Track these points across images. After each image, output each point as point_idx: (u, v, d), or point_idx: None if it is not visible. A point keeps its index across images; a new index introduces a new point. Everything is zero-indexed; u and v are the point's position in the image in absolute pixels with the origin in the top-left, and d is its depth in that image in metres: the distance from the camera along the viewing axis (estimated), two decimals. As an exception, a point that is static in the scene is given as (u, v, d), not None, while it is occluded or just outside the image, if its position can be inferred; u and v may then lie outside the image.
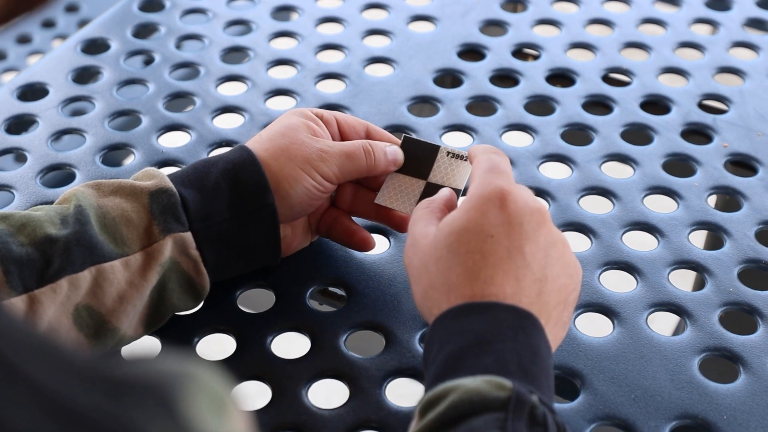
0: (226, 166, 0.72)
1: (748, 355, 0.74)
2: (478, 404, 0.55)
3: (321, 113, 0.77)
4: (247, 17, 1.14)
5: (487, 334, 0.59)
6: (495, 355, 0.58)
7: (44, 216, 0.66)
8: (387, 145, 0.76)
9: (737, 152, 0.94)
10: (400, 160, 0.77)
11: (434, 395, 0.57)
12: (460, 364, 0.58)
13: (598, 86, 1.03)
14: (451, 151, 0.77)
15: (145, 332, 0.71)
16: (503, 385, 0.56)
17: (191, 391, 0.34)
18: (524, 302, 0.61)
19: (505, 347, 0.59)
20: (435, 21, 1.13)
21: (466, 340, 0.59)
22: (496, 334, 0.59)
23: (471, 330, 0.59)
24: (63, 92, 1.02)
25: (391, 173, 0.77)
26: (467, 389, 0.56)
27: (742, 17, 1.16)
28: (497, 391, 0.56)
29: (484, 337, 0.59)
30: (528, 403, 0.56)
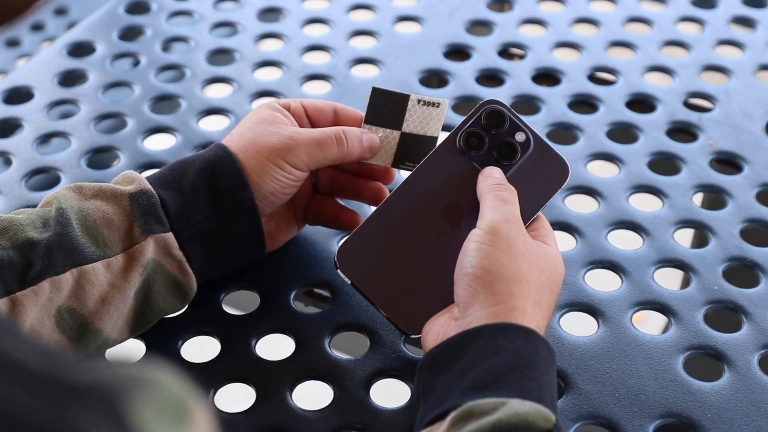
0: (203, 164, 0.72)
1: (732, 353, 0.74)
2: (523, 429, 0.55)
3: (287, 102, 0.77)
4: (233, 19, 1.14)
5: (529, 360, 0.60)
6: (536, 383, 0.59)
7: (26, 219, 0.66)
8: (361, 131, 0.76)
9: (723, 150, 0.95)
10: (376, 148, 0.76)
11: (477, 408, 0.57)
12: (504, 382, 0.59)
13: (584, 85, 1.03)
14: (422, 98, 0.77)
15: (130, 335, 0.71)
16: (549, 418, 0.57)
17: (145, 397, 0.33)
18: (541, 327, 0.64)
19: (545, 377, 0.60)
20: (421, 21, 1.13)
21: (508, 359, 0.60)
22: (536, 362, 0.61)
23: (513, 350, 0.60)
24: (49, 95, 1.01)
25: (366, 128, 0.77)
26: (516, 412, 0.56)
27: (728, 15, 1.16)
28: (543, 422, 0.56)
29: (527, 361, 0.60)
30: None
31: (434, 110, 0.76)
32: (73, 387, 0.32)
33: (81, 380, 0.33)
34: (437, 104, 0.76)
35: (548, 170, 0.71)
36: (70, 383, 0.32)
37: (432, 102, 0.77)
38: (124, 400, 0.32)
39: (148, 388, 0.33)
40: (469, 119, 0.72)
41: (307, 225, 0.81)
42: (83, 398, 0.32)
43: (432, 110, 0.76)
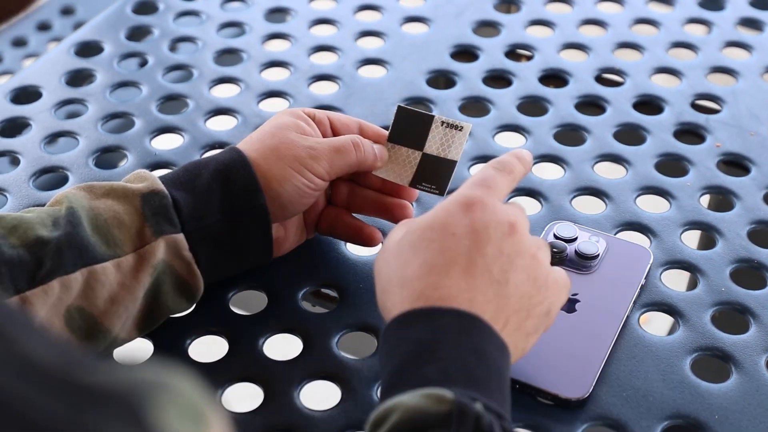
0: (217, 167, 0.72)
1: (740, 355, 0.74)
2: (420, 423, 0.54)
3: (313, 112, 0.77)
4: (240, 19, 1.14)
5: (429, 343, 0.58)
6: (437, 365, 0.57)
7: (36, 218, 0.66)
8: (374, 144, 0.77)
9: (730, 152, 0.95)
10: (385, 159, 0.77)
11: (379, 415, 0.56)
12: (403, 378, 0.57)
13: (591, 87, 1.03)
14: (446, 120, 0.77)
15: (138, 334, 0.71)
16: (444, 398, 0.54)
17: (163, 401, 0.33)
18: (479, 300, 0.60)
19: (449, 355, 0.58)
20: (428, 22, 1.13)
21: (407, 352, 0.58)
22: (438, 342, 0.58)
23: (413, 340, 0.59)
24: (56, 95, 1.02)
25: (389, 145, 0.78)
26: (407, 408, 0.54)
27: (736, 17, 1.16)
28: (438, 405, 0.54)
29: (426, 345, 0.58)
30: (472, 413, 0.54)
31: (457, 133, 0.77)
32: (94, 391, 0.32)
33: (101, 384, 0.33)
34: (460, 128, 0.77)
35: (629, 258, 0.80)
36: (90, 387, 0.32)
37: (455, 125, 0.77)
38: (144, 404, 0.32)
39: (166, 392, 0.33)
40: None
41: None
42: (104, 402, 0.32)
43: (455, 133, 0.77)
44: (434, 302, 0.60)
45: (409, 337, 0.59)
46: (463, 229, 0.62)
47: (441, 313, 0.59)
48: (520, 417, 0.69)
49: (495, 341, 0.60)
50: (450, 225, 0.62)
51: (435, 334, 0.58)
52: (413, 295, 0.60)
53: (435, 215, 0.63)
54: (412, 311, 0.60)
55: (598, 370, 0.71)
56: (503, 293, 0.61)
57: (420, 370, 0.57)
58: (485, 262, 0.61)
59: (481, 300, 0.60)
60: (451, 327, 0.59)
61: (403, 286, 0.61)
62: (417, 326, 0.59)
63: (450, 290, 0.60)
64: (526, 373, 0.70)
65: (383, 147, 0.77)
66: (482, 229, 0.62)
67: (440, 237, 0.62)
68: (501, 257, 0.62)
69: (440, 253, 0.61)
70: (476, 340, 0.59)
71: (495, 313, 0.61)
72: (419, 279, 0.61)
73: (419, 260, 0.61)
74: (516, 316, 0.62)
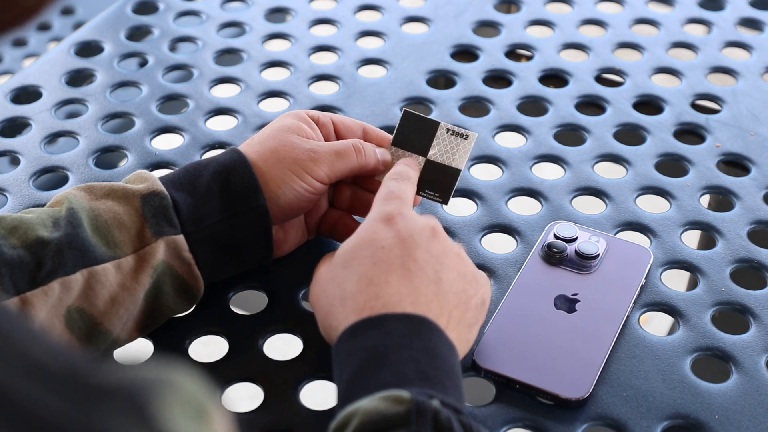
0: (217, 168, 0.72)
1: (740, 355, 0.74)
2: (380, 424, 0.55)
3: (317, 115, 0.77)
4: (240, 19, 1.14)
5: (380, 348, 0.60)
6: (391, 368, 0.59)
7: (36, 219, 0.66)
8: (376, 147, 0.77)
9: (730, 152, 0.95)
10: (388, 163, 0.77)
11: (338, 423, 0.57)
12: (359, 384, 0.59)
13: (591, 87, 1.03)
14: (451, 128, 0.77)
15: (139, 335, 0.72)
16: (401, 398, 0.56)
17: (168, 398, 0.33)
18: (421, 301, 0.62)
19: (401, 357, 0.59)
20: (428, 22, 1.13)
21: (361, 359, 0.60)
22: (390, 347, 0.60)
23: (364, 348, 0.60)
24: (56, 95, 1.02)
25: (393, 149, 0.78)
26: (366, 411, 0.56)
27: (735, 17, 1.16)
28: (396, 406, 0.56)
29: (379, 351, 0.60)
30: (430, 410, 0.55)
31: (462, 141, 0.77)
32: (98, 388, 0.33)
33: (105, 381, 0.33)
34: (466, 136, 0.77)
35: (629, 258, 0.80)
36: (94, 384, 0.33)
37: (461, 133, 0.77)
38: (148, 401, 0.33)
39: (169, 389, 0.34)
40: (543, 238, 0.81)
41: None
42: (109, 399, 0.32)
43: (460, 141, 0.77)
44: (379, 310, 0.62)
45: (361, 346, 0.60)
46: (391, 241, 0.65)
47: (389, 318, 0.61)
48: (520, 417, 0.69)
49: (443, 340, 0.62)
50: (377, 240, 0.65)
51: (385, 339, 0.60)
52: (357, 309, 0.62)
53: (359, 235, 0.66)
54: (360, 321, 0.61)
55: (599, 370, 0.71)
56: (441, 291, 0.64)
57: (375, 375, 0.59)
58: (418, 265, 0.64)
59: (423, 301, 0.63)
60: (401, 330, 0.61)
61: (344, 303, 0.63)
62: (367, 334, 0.61)
63: (391, 297, 0.62)
64: (526, 373, 0.70)
65: (386, 151, 0.77)
66: (408, 237, 0.65)
67: (370, 252, 0.64)
68: (431, 259, 0.65)
69: (374, 265, 0.64)
70: (426, 340, 0.61)
71: (438, 312, 0.63)
72: (360, 293, 0.63)
73: (355, 276, 0.64)
74: (456, 310, 0.65)
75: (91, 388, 0.32)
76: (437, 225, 0.68)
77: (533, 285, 0.77)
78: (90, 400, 0.32)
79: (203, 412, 0.35)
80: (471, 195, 0.88)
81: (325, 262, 0.69)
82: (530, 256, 0.80)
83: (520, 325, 0.74)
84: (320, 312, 0.67)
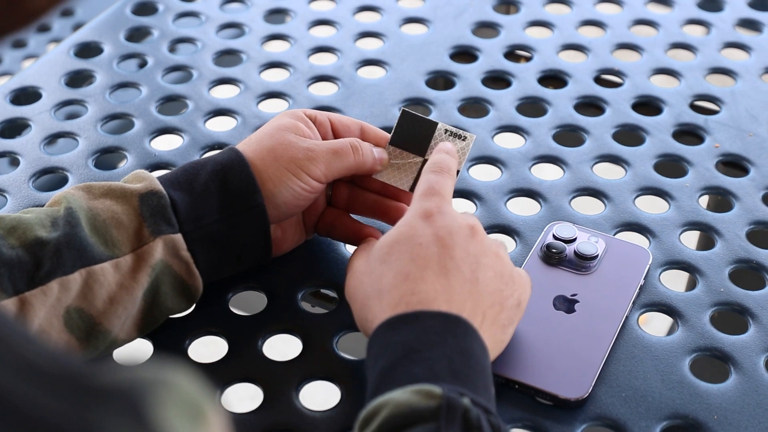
0: (215, 167, 0.72)
1: (738, 355, 0.74)
2: (409, 417, 0.55)
3: (314, 114, 0.77)
4: (239, 20, 1.14)
5: (415, 344, 0.60)
6: (424, 364, 0.59)
7: (35, 219, 0.66)
8: (373, 147, 0.77)
9: (729, 153, 0.95)
10: (385, 162, 0.77)
11: (368, 413, 0.57)
12: (391, 377, 0.59)
13: (590, 87, 1.03)
14: (450, 129, 0.77)
15: (138, 335, 0.72)
16: (433, 393, 0.56)
17: (164, 398, 0.33)
18: (456, 299, 0.63)
19: (435, 354, 0.60)
20: (427, 23, 1.14)
21: (395, 353, 0.60)
22: (424, 343, 0.60)
23: (400, 342, 0.60)
24: (56, 96, 1.02)
25: (390, 149, 0.77)
26: (397, 403, 0.56)
27: (734, 18, 1.16)
28: (427, 400, 0.56)
29: (413, 346, 0.60)
30: (460, 407, 0.56)
31: (460, 143, 0.77)
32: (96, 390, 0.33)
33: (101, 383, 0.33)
34: (464, 138, 0.77)
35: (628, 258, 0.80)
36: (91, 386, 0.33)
37: (459, 135, 0.77)
38: (145, 401, 0.33)
39: (166, 389, 0.34)
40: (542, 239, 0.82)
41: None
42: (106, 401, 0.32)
43: (458, 143, 0.77)
44: (414, 306, 0.62)
45: (396, 339, 0.61)
46: (429, 238, 0.65)
47: (425, 315, 0.61)
48: (519, 417, 0.69)
49: (477, 340, 0.62)
50: (415, 236, 0.65)
51: (421, 335, 0.60)
52: (392, 303, 0.63)
53: (398, 231, 0.66)
54: (397, 316, 0.62)
55: (598, 371, 0.71)
56: (476, 291, 0.64)
57: (408, 368, 0.59)
58: (455, 264, 0.64)
59: (458, 300, 0.63)
60: (436, 328, 0.61)
61: (380, 297, 0.64)
62: (403, 329, 0.61)
63: (427, 294, 0.62)
64: (525, 373, 0.70)
65: (383, 151, 0.77)
66: (446, 235, 0.65)
67: (408, 248, 0.65)
68: (468, 258, 0.65)
69: (411, 261, 0.64)
70: (461, 339, 0.61)
71: (472, 311, 0.63)
72: (396, 287, 0.63)
73: (392, 271, 0.64)
74: (491, 310, 0.65)
75: (89, 390, 0.32)
76: (477, 223, 0.68)
77: (533, 285, 0.77)
78: (88, 401, 0.32)
79: (200, 413, 0.35)
80: (470, 195, 0.88)
81: (360, 255, 0.69)
82: (529, 257, 0.80)
83: (520, 326, 0.74)
84: (356, 304, 0.67)
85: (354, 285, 0.68)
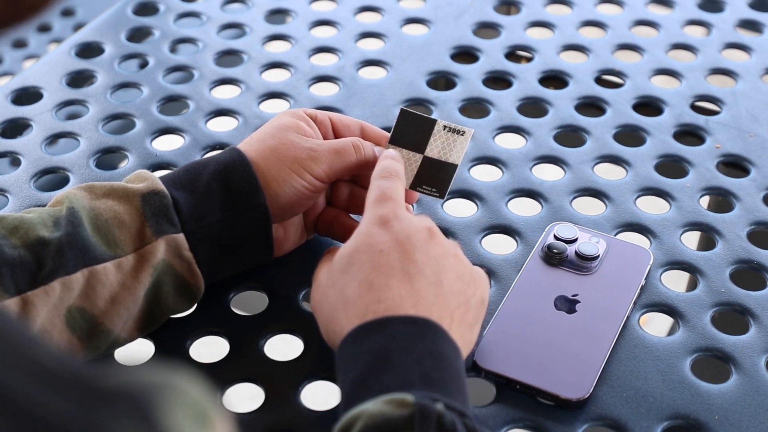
0: (217, 167, 0.72)
1: (739, 356, 0.74)
2: (384, 427, 0.55)
3: (314, 113, 0.77)
4: (241, 20, 1.14)
5: (384, 351, 0.60)
6: (394, 371, 0.59)
7: (37, 218, 0.67)
8: (374, 146, 0.77)
9: (729, 153, 0.95)
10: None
11: (342, 426, 0.57)
12: (363, 388, 0.59)
13: (591, 88, 1.03)
14: (448, 125, 0.78)
15: (139, 335, 0.72)
16: (405, 402, 0.56)
17: (171, 402, 0.34)
18: (422, 303, 0.63)
19: (405, 360, 0.59)
20: (428, 23, 1.14)
21: (365, 363, 0.60)
22: (393, 350, 0.60)
23: (368, 351, 0.60)
24: (57, 96, 1.02)
25: (390, 147, 0.78)
26: (370, 414, 0.56)
27: (735, 19, 1.16)
28: (399, 409, 0.56)
29: (382, 355, 0.60)
30: (434, 413, 0.56)
31: (458, 138, 0.77)
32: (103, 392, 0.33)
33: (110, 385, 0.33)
34: (462, 132, 0.77)
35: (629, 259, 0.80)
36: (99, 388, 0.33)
37: (457, 129, 0.77)
38: (153, 404, 0.33)
39: (173, 393, 0.34)
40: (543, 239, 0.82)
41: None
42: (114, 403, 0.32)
43: (456, 137, 0.77)
44: (381, 314, 0.62)
45: (364, 349, 0.60)
46: (389, 244, 0.65)
47: (393, 321, 0.61)
48: (521, 417, 0.69)
49: (448, 342, 0.62)
50: (374, 244, 0.65)
51: (389, 342, 0.60)
52: (359, 313, 0.62)
53: (356, 240, 0.66)
54: (364, 325, 0.61)
55: (599, 371, 0.71)
56: (441, 293, 0.64)
57: (379, 378, 0.59)
58: (418, 268, 0.64)
59: (424, 304, 0.63)
60: (405, 333, 0.61)
61: (346, 308, 0.63)
62: (371, 337, 0.61)
63: (393, 301, 0.62)
64: (526, 374, 0.70)
65: (384, 150, 0.78)
66: (406, 240, 0.65)
67: (369, 256, 0.64)
68: (430, 261, 0.65)
69: (374, 269, 0.64)
70: (431, 343, 0.61)
71: (440, 313, 0.63)
72: (361, 297, 0.63)
73: (356, 281, 0.64)
74: (458, 311, 0.65)
75: (96, 392, 0.33)
76: (433, 225, 0.68)
77: (533, 286, 0.77)
78: (95, 403, 0.32)
79: (206, 416, 0.35)
80: (471, 196, 0.89)
81: (323, 266, 0.69)
82: (530, 257, 0.80)
83: (521, 326, 0.74)
84: (322, 318, 0.67)
85: (318, 299, 0.67)
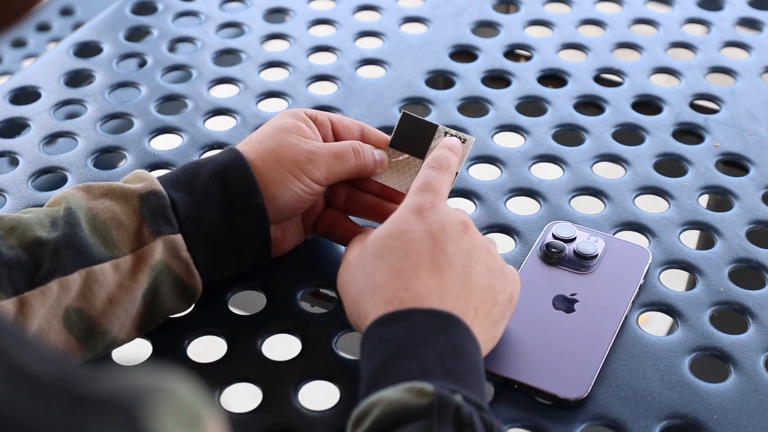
0: (215, 167, 0.72)
1: (738, 355, 0.74)
2: (401, 415, 0.55)
3: (315, 114, 0.77)
4: (239, 20, 1.14)
5: (407, 341, 0.60)
6: (416, 361, 0.59)
7: (34, 219, 0.66)
8: (374, 149, 0.77)
9: (728, 152, 0.95)
10: (385, 164, 0.77)
11: (361, 411, 0.58)
12: (383, 375, 0.59)
13: (590, 87, 1.03)
14: (450, 132, 0.77)
15: (137, 335, 0.71)
16: (424, 391, 0.56)
17: (160, 406, 0.33)
18: (449, 296, 0.63)
19: (426, 351, 0.60)
20: (427, 22, 1.13)
21: (387, 351, 0.60)
22: (416, 340, 0.60)
23: (391, 340, 0.61)
24: (55, 95, 1.02)
25: (390, 151, 0.77)
26: (389, 401, 0.56)
27: (734, 17, 1.16)
28: (419, 398, 0.56)
29: (405, 344, 0.60)
30: (452, 404, 0.56)
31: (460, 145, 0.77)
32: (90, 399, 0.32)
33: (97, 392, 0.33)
34: (463, 140, 0.77)
35: (627, 258, 0.80)
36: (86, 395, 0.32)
37: (459, 137, 0.77)
38: (141, 411, 0.32)
39: (162, 397, 0.33)
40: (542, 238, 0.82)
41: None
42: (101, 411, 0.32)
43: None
44: (407, 303, 0.62)
45: (388, 337, 0.61)
46: (422, 233, 0.65)
47: (417, 313, 0.62)
48: (519, 417, 0.69)
49: (469, 336, 0.62)
50: (408, 231, 0.65)
51: (413, 333, 0.61)
52: (385, 299, 0.63)
53: (391, 225, 0.66)
54: (389, 314, 0.62)
55: (597, 370, 0.71)
56: (469, 286, 0.64)
57: (400, 367, 0.59)
58: (448, 260, 0.64)
59: (450, 296, 0.63)
60: (428, 326, 0.61)
61: (374, 292, 0.64)
62: (395, 327, 0.61)
63: (420, 290, 0.63)
64: (524, 373, 0.70)
65: (384, 153, 0.77)
66: (439, 231, 0.65)
67: (401, 243, 0.65)
68: (461, 254, 0.65)
69: (404, 257, 0.64)
70: (453, 337, 0.61)
71: (465, 307, 0.64)
72: (389, 283, 0.63)
73: (386, 267, 0.64)
74: (483, 306, 0.65)
75: (83, 399, 0.32)
76: (468, 219, 0.68)
77: (532, 285, 0.77)
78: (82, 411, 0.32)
79: (198, 420, 0.34)
80: (470, 195, 0.88)
81: (355, 246, 0.69)
82: (529, 256, 0.80)
83: (519, 325, 0.74)
84: (348, 299, 0.67)
85: (346, 278, 0.68)
